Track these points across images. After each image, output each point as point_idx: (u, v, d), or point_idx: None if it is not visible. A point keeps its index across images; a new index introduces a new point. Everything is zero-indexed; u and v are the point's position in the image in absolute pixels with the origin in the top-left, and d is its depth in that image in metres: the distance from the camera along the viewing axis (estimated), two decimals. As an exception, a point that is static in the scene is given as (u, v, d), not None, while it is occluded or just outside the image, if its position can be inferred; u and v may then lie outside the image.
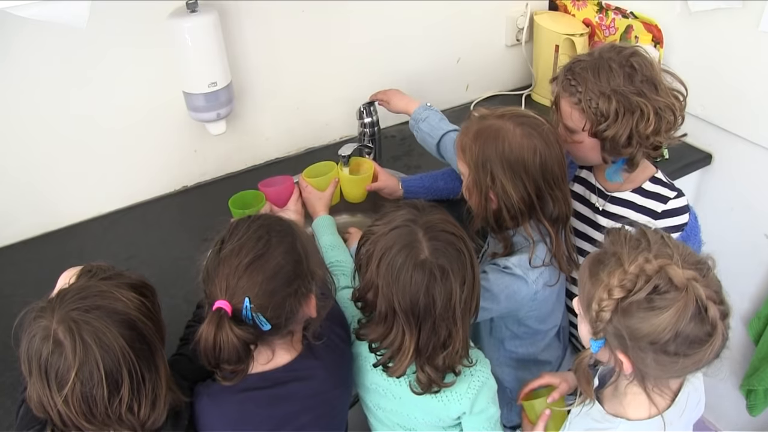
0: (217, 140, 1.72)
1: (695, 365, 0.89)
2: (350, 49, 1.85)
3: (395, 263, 1.02)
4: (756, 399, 1.91)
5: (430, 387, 1.08)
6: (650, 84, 1.19)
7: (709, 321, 0.85)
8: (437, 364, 1.07)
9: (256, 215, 1.06)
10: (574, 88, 1.21)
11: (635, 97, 1.17)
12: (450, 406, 1.12)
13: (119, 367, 0.88)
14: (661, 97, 1.19)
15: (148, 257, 1.54)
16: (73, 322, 0.88)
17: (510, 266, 1.23)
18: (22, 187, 1.54)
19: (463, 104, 2.14)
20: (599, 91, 1.18)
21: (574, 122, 1.24)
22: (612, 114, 1.18)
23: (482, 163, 1.19)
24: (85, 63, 1.48)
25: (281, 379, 1.07)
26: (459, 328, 1.05)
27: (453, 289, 1.02)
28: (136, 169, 1.68)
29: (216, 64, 1.52)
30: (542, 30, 2.06)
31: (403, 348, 1.05)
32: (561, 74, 1.26)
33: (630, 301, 0.87)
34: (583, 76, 1.21)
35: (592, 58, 1.22)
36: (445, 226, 1.06)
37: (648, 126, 1.18)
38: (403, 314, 1.02)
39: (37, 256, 1.55)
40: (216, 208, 1.67)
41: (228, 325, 0.94)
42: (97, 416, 0.89)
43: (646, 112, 1.17)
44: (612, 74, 1.18)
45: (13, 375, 1.22)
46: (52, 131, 1.52)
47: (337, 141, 1.95)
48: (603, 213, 1.37)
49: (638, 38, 1.90)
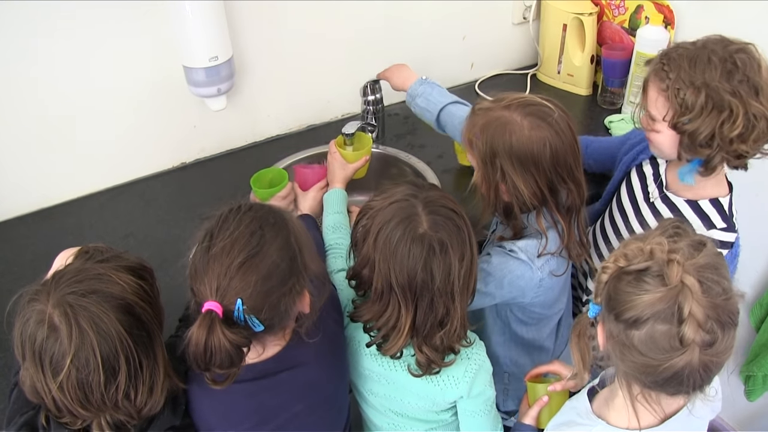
0: (217, 116, 1.69)
1: (646, 371, 0.85)
2: (354, 25, 1.81)
3: (393, 237, 1.00)
4: (754, 384, 1.92)
5: (429, 368, 1.07)
6: (750, 86, 1.09)
7: (680, 335, 0.81)
8: (435, 343, 1.05)
9: (247, 205, 0.99)
10: (665, 74, 1.13)
11: (728, 96, 1.08)
12: (447, 390, 1.11)
13: (116, 353, 0.86)
14: (760, 104, 1.09)
15: (146, 235, 1.51)
16: (69, 306, 0.85)
17: (516, 250, 1.20)
18: (17, 161, 1.51)
19: (467, 82, 2.11)
20: (690, 81, 1.10)
21: (657, 109, 1.17)
22: (697, 108, 1.10)
23: (491, 158, 1.15)
24: (83, 37, 1.44)
25: (271, 370, 1.04)
26: (457, 306, 1.03)
27: (452, 264, 1.00)
28: (135, 145, 1.64)
29: (217, 38, 1.49)
30: (550, 8, 2.02)
31: (399, 325, 1.03)
32: (656, 57, 1.18)
33: (624, 271, 0.87)
34: (678, 62, 1.12)
35: (695, 46, 1.13)
36: (445, 202, 1.04)
37: (734, 129, 1.08)
38: (400, 289, 1.00)
39: (33, 233, 1.52)
40: (215, 185, 1.66)
41: (220, 329, 0.88)
42: (92, 402, 0.87)
43: (735, 113, 1.08)
44: (709, 66, 1.09)
45: (6, 356, 1.20)
46: (48, 106, 1.48)
47: (339, 118, 1.92)
48: (650, 205, 1.32)
49: (648, 19, 1.86)
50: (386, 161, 1.76)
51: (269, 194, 1.41)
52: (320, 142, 1.79)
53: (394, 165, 1.75)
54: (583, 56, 2.00)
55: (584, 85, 2.03)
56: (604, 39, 2.01)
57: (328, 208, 1.38)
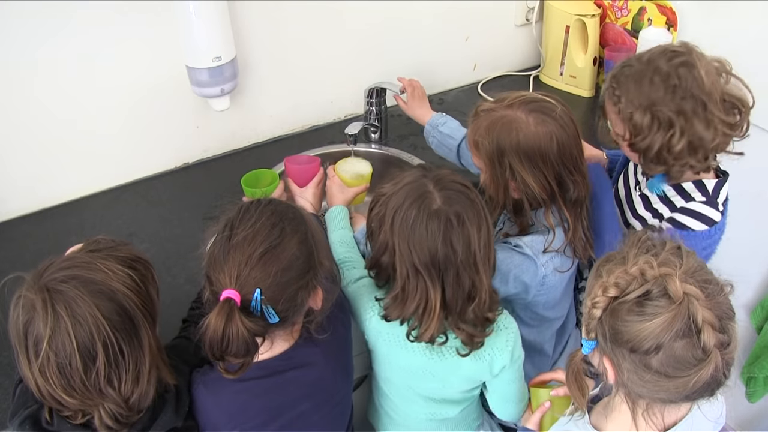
0: (220, 116, 1.69)
1: (678, 391, 0.84)
2: (358, 26, 1.81)
3: (409, 217, 1.00)
4: (756, 386, 1.92)
5: (473, 342, 1.07)
6: (695, 101, 1.12)
7: (701, 345, 0.81)
8: (469, 318, 1.05)
9: (266, 199, 1.02)
10: (617, 97, 1.18)
11: (671, 114, 1.13)
12: (494, 361, 1.12)
13: (92, 337, 0.86)
14: (710, 116, 1.12)
15: (149, 235, 1.51)
16: (47, 291, 0.86)
17: (521, 245, 1.21)
18: (20, 161, 1.51)
19: (470, 83, 2.11)
20: (638, 103, 1.15)
21: (617, 129, 1.22)
22: (645, 127, 1.15)
23: (498, 157, 1.16)
24: (85, 37, 1.44)
25: (278, 368, 1.04)
26: (482, 276, 1.03)
27: (471, 234, 1.01)
28: (137, 145, 1.64)
29: (220, 38, 1.49)
30: (553, 10, 2.02)
31: (429, 306, 1.02)
32: (608, 79, 1.22)
33: (621, 301, 0.84)
34: (626, 85, 1.17)
35: (640, 64, 1.17)
36: (455, 177, 1.05)
37: (679, 143, 1.13)
38: (425, 269, 1.00)
39: (36, 232, 1.52)
40: (218, 185, 1.66)
41: (238, 317, 0.90)
42: (75, 389, 0.87)
43: (681, 129, 1.13)
44: (653, 87, 1.14)
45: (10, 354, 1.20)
46: (51, 106, 1.48)
47: (342, 119, 1.92)
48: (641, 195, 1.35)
49: (651, 20, 1.86)
50: (389, 162, 1.76)
51: (261, 195, 1.40)
52: (323, 143, 1.80)
53: (396, 166, 1.75)
54: (585, 58, 2.00)
55: (587, 86, 2.03)
56: (607, 41, 2.01)
57: (332, 225, 1.36)
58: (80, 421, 0.93)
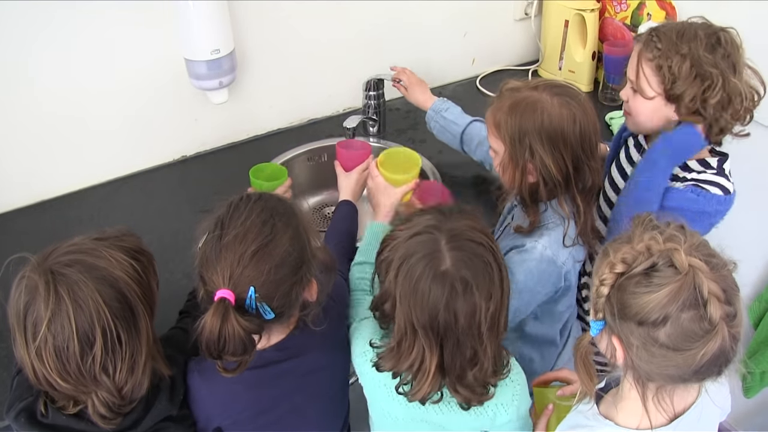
0: (218, 109, 1.68)
1: (687, 364, 0.84)
2: (356, 20, 1.81)
3: (413, 273, 0.93)
4: (752, 381, 1.93)
5: (471, 402, 1.01)
6: (730, 63, 1.18)
7: (708, 317, 0.81)
8: (468, 382, 0.98)
9: (256, 194, 1.00)
10: (654, 44, 1.21)
11: (709, 67, 1.17)
12: (497, 417, 1.05)
13: (92, 323, 0.86)
14: (737, 81, 1.18)
15: (147, 228, 1.50)
16: (51, 273, 0.86)
17: (539, 248, 1.20)
18: (18, 153, 1.50)
19: (468, 78, 2.11)
20: (677, 51, 1.18)
21: (644, 78, 1.23)
22: (683, 74, 1.18)
23: (520, 137, 1.15)
24: (83, 29, 1.44)
25: (274, 359, 1.04)
26: (486, 347, 0.96)
27: (477, 304, 0.93)
28: (135, 138, 1.64)
29: (219, 31, 1.48)
30: (552, 4, 2.02)
31: (423, 367, 0.96)
32: (646, 33, 1.25)
33: (628, 276, 0.85)
34: (667, 35, 1.20)
35: (681, 23, 1.23)
36: (472, 235, 0.96)
37: (714, 96, 1.17)
38: (422, 330, 0.94)
39: (33, 225, 1.52)
40: (216, 178, 1.66)
41: (233, 316, 0.89)
42: (70, 373, 0.87)
43: (716, 83, 1.16)
44: (695, 40, 1.18)
45: (8, 347, 1.20)
46: (49, 99, 1.48)
47: (340, 112, 1.92)
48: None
49: (651, 15, 1.86)
50: (387, 156, 1.76)
51: (269, 188, 1.40)
52: (321, 136, 1.80)
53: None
54: (584, 53, 2.00)
55: (585, 81, 2.03)
56: (606, 35, 2.01)
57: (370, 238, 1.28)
58: (72, 411, 0.93)
